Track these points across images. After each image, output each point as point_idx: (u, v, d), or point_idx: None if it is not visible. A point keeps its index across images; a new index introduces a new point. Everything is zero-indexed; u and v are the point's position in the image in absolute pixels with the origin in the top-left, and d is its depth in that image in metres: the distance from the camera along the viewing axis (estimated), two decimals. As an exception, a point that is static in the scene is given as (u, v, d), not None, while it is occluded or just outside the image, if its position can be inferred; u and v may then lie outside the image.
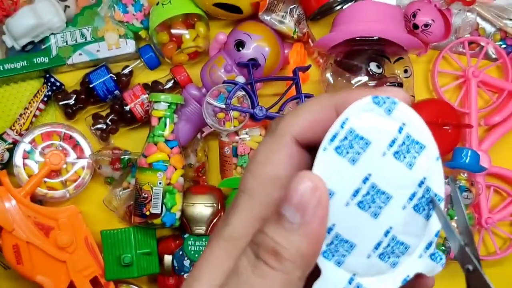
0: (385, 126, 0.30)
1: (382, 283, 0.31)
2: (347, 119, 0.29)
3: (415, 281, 0.31)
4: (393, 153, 0.30)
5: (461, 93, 0.94)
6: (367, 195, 0.29)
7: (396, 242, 0.30)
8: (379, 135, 0.29)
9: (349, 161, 0.29)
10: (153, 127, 0.85)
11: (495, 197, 0.97)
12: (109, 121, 0.92)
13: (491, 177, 0.96)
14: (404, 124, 0.30)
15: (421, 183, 0.30)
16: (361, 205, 0.29)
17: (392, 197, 0.30)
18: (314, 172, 0.29)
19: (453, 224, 0.88)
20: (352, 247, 0.30)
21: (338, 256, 0.30)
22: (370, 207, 0.29)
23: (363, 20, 0.84)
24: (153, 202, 0.83)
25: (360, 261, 0.30)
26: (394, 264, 0.31)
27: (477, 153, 0.87)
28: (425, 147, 0.30)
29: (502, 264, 0.95)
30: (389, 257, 0.30)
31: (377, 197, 0.29)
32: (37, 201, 0.91)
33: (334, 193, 0.29)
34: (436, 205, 0.30)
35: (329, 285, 0.30)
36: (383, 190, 0.30)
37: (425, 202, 0.30)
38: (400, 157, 0.30)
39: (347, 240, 0.30)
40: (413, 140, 0.30)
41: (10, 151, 0.91)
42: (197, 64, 0.94)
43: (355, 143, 0.29)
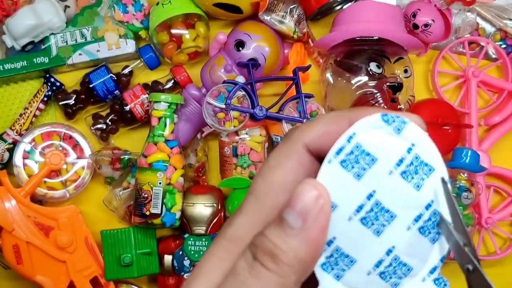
0: (393, 144, 0.29)
1: None
2: (354, 133, 0.29)
3: None
4: (400, 173, 0.29)
5: (461, 93, 0.94)
6: (371, 211, 0.29)
7: (398, 262, 0.30)
8: (387, 153, 0.29)
9: (354, 176, 0.29)
10: (153, 127, 0.85)
11: (495, 197, 0.97)
12: (109, 121, 0.92)
13: (491, 177, 0.96)
14: (413, 144, 0.30)
15: (429, 206, 0.30)
16: (364, 221, 0.29)
17: (396, 216, 0.29)
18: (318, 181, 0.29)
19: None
20: (352, 262, 0.30)
21: (337, 270, 0.30)
22: (373, 224, 0.29)
23: (363, 20, 0.84)
24: (153, 202, 0.83)
25: (359, 277, 0.30)
26: (395, 285, 0.30)
27: (477, 153, 0.87)
28: (435, 170, 0.30)
29: (502, 264, 0.95)
30: (391, 277, 0.30)
31: (380, 215, 0.29)
32: (37, 201, 0.91)
33: (336, 206, 0.29)
34: (442, 219, 0.30)
35: None
36: (388, 208, 0.29)
37: (432, 225, 0.30)
38: (407, 177, 0.29)
39: (348, 254, 0.30)
40: (422, 161, 0.30)
41: (10, 151, 0.91)
42: (197, 64, 0.94)
43: (361, 159, 0.29)
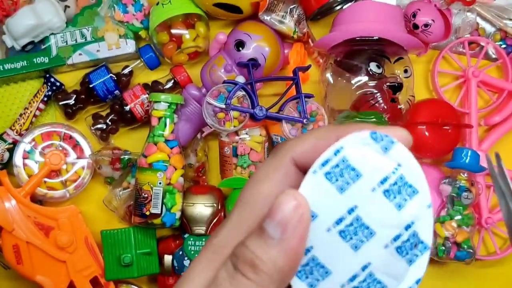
0: (379, 162, 0.30)
1: None
2: (342, 147, 0.30)
3: None
4: (383, 191, 0.29)
5: (461, 93, 0.94)
6: (350, 225, 0.29)
7: (373, 279, 0.30)
8: (372, 170, 0.29)
9: (337, 189, 0.29)
10: (153, 127, 0.85)
11: (495, 197, 0.97)
12: (109, 121, 0.92)
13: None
14: (399, 165, 0.30)
15: (408, 227, 0.30)
16: (343, 235, 0.29)
17: (375, 233, 0.29)
18: (300, 191, 0.29)
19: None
20: (327, 273, 0.30)
21: (312, 279, 0.30)
22: (351, 239, 0.29)
23: (363, 20, 0.84)
24: (153, 202, 0.83)
25: None
26: None
27: (477, 153, 0.87)
28: (418, 192, 0.30)
29: (502, 264, 0.95)
30: None
31: (360, 230, 0.29)
32: (37, 201, 0.91)
33: (316, 215, 0.29)
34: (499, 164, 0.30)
35: None
36: (367, 224, 0.29)
37: (410, 246, 0.30)
38: (390, 196, 0.29)
39: (323, 265, 0.30)
40: (406, 182, 0.30)
41: (10, 151, 0.91)
42: (197, 64, 0.94)
43: (346, 173, 0.29)
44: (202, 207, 0.87)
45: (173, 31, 0.89)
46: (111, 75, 0.92)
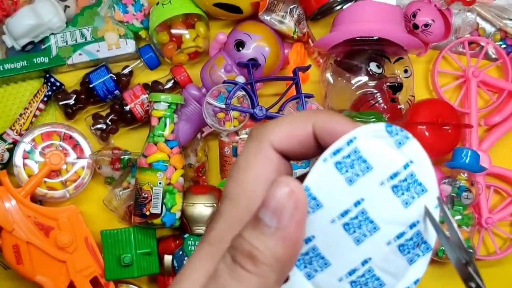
0: (391, 157, 0.29)
1: None
2: (355, 137, 0.29)
3: None
4: (391, 186, 0.29)
5: (461, 93, 0.94)
6: (355, 219, 0.29)
7: (372, 275, 0.29)
8: (383, 163, 0.29)
9: (346, 180, 0.29)
10: (153, 127, 0.85)
11: (495, 197, 0.97)
12: (109, 121, 0.92)
13: (491, 177, 0.96)
14: (411, 161, 0.29)
15: (413, 225, 0.29)
16: (347, 227, 0.29)
17: (379, 229, 0.29)
18: (308, 179, 0.29)
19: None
20: (326, 265, 0.29)
21: (310, 269, 0.30)
22: (354, 232, 0.29)
23: (363, 20, 0.84)
24: (153, 202, 0.83)
25: (330, 281, 0.30)
26: None
27: (477, 153, 0.87)
28: (427, 191, 0.29)
29: (502, 264, 0.95)
30: None
31: (364, 224, 0.29)
32: (37, 201, 0.91)
33: (322, 205, 0.29)
34: (430, 215, 0.29)
35: None
36: (372, 219, 0.29)
37: (412, 245, 0.29)
38: (398, 192, 0.29)
39: (323, 256, 0.29)
40: (416, 180, 0.29)
41: (10, 151, 0.91)
42: (197, 64, 0.94)
43: (357, 164, 0.29)
44: (202, 207, 0.87)
45: (173, 31, 0.89)
46: (111, 75, 0.92)
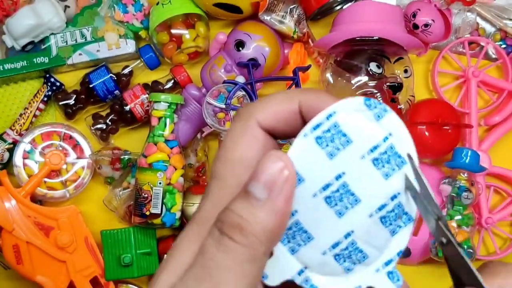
0: (370, 130, 0.29)
1: (332, 285, 0.30)
2: (334, 112, 0.29)
3: None
4: (372, 159, 0.29)
5: (461, 93, 0.94)
6: (337, 192, 0.29)
7: (355, 248, 0.30)
8: (362, 137, 0.29)
9: (327, 154, 0.29)
10: (153, 127, 0.85)
11: (495, 197, 0.97)
12: (109, 121, 0.92)
13: (491, 177, 0.96)
14: (390, 134, 0.29)
15: (394, 197, 0.30)
16: (328, 201, 0.29)
17: (360, 201, 0.29)
18: (289, 154, 0.29)
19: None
20: (309, 239, 0.30)
21: (293, 243, 0.30)
22: (336, 205, 0.29)
23: (363, 20, 0.84)
24: (153, 202, 0.83)
25: (314, 255, 0.30)
26: (348, 269, 0.30)
27: (477, 153, 0.87)
28: (407, 163, 0.30)
29: (502, 264, 0.95)
30: (345, 261, 0.30)
31: (345, 197, 0.29)
32: (37, 201, 0.91)
33: (303, 180, 0.29)
34: (417, 193, 0.29)
35: (278, 268, 0.30)
36: (353, 192, 0.29)
37: (394, 217, 0.30)
38: (378, 164, 0.29)
39: (306, 230, 0.30)
40: (396, 152, 0.29)
41: (10, 151, 0.91)
42: (197, 64, 0.94)
43: (337, 138, 0.29)
44: (202, 207, 0.87)
45: (173, 31, 0.89)
46: (111, 75, 0.92)
